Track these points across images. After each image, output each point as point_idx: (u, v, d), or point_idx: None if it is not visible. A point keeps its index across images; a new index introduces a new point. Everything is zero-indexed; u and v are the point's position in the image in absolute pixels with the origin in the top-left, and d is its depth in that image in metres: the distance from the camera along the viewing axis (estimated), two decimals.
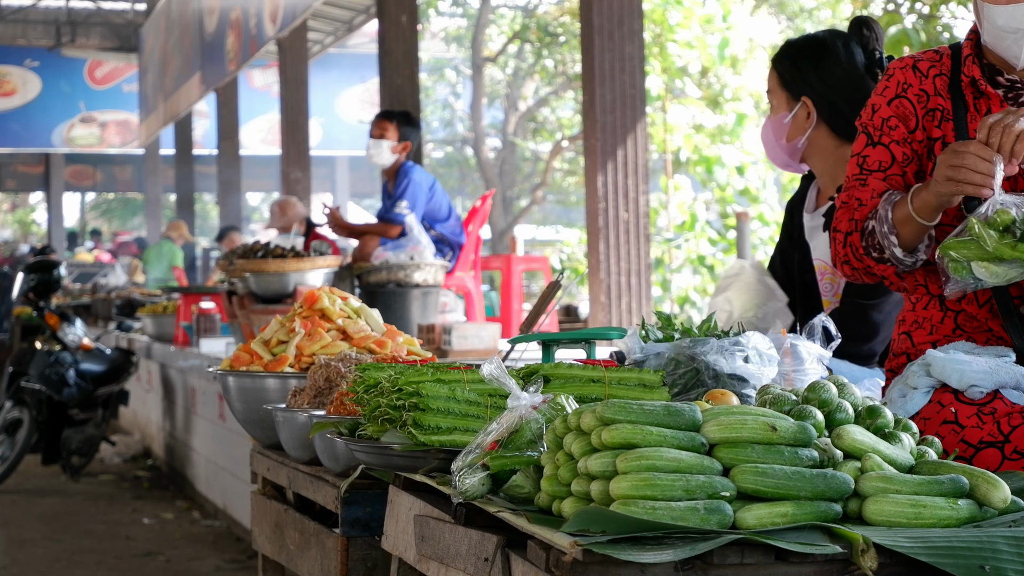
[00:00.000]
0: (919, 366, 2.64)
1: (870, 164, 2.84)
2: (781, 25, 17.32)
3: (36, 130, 24.49)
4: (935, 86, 2.84)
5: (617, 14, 7.47)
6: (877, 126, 2.86)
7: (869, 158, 2.85)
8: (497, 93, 24.01)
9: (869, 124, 2.88)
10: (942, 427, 2.53)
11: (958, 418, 2.54)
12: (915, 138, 2.84)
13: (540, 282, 13.51)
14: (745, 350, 2.64)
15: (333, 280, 6.48)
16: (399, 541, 2.50)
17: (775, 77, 3.54)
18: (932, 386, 2.61)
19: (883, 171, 2.83)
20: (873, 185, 2.82)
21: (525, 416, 2.22)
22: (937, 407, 2.57)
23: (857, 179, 2.86)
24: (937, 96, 2.84)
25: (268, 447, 3.50)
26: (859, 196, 2.84)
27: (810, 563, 1.87)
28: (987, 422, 2.53)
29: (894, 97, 2.86)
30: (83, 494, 9.08)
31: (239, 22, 15.08)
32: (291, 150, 14.41)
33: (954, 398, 2.57)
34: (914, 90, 2.85)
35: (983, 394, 2.57)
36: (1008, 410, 2.54)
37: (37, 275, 10.05)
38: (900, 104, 2.85)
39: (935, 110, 2.83)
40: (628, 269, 7.50)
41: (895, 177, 2.82)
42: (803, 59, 3.50)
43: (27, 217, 37.83)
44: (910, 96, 2.85)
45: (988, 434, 2.51)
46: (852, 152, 2.90)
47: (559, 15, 22.17)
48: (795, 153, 3.55)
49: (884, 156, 2.83)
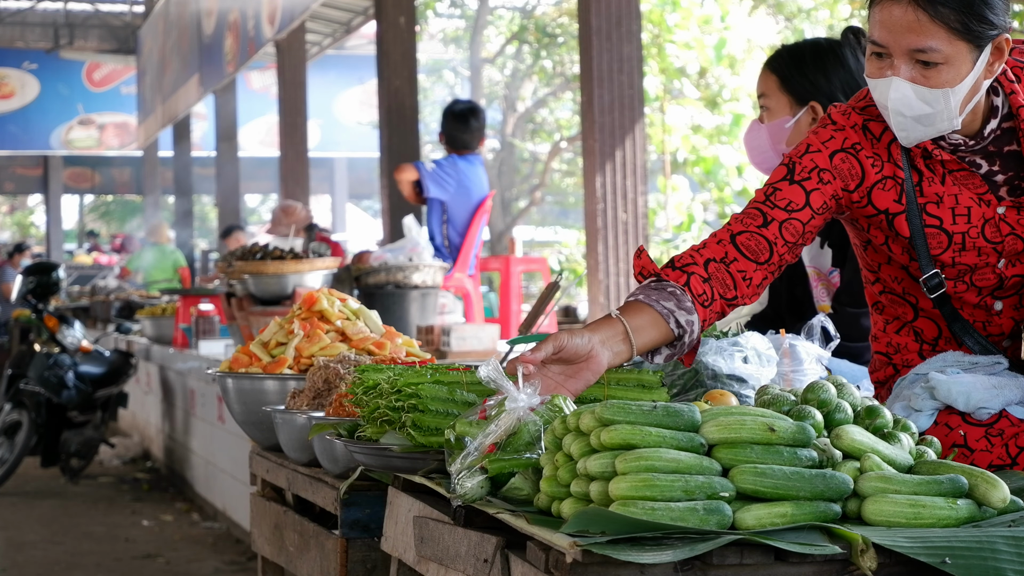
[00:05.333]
0: (922, 388, 2.61)
1: (778, 199, 2.57)
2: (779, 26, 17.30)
3: (34, 132, 24.47)
4: (890, 153, 2.62)
5: (615, 15, 7.47)
6: (806, 168, 2.59)
7: (780, 192, 2.58)
8: (495, 94, 23.99)
9: (797, 162, 2.60)
10: (950, 451, 2.53)
11: (967, 441, 2.53)
12: (850, 198, 2.61)
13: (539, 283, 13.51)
14: (744, 351, 2.65)
15: (332, 282, 6.48)
16: (398, 542, 2.50)
17: (774, 81, 3.46)
18: (936, 408, 2.59)
19: (788, 212, 2.56)
20: (770, 228, 2.54)
21: (523, 418, 2.21)
22: (945, 430, 2.55)
23: (757, 207, 2.58)
24: (892, 164, 2.61)
25: (267, 449, 3.50)
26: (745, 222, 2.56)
27: (809, 563, 1.87)
28: (995, 444, 2.52)
29: (839, 150, 2.61)
30: (82, 496, 9.08)
31: (237, 24, 15.08)
32: (289, 152, 14.41)
33: (961, 420, 2.56)
34: (867, 152, 2.61)
35: (990, 415, 2.56)
36: (1015, 430, 2.53)
37: (36, 277, 10.05)
38: (846, 159, 2.61)
39: (891, 178, 2.61)
40: (627, 270, 7.49)
41: (795, 223, 2.55)
42: (811, 63, 3.43)
43: (26, 219, 37.84)
44: (861, 157, 2.61)
45: (997, 457, 2.52)
46: (767, 180, 2.65)
47: (557, 16, 22.17)
48: None
49: (796, 199, 2.57)
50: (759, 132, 3.50)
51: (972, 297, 2.69)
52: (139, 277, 16.40)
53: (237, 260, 6.60)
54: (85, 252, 25.84)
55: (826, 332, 2.80)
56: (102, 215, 36.27)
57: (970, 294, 2.69)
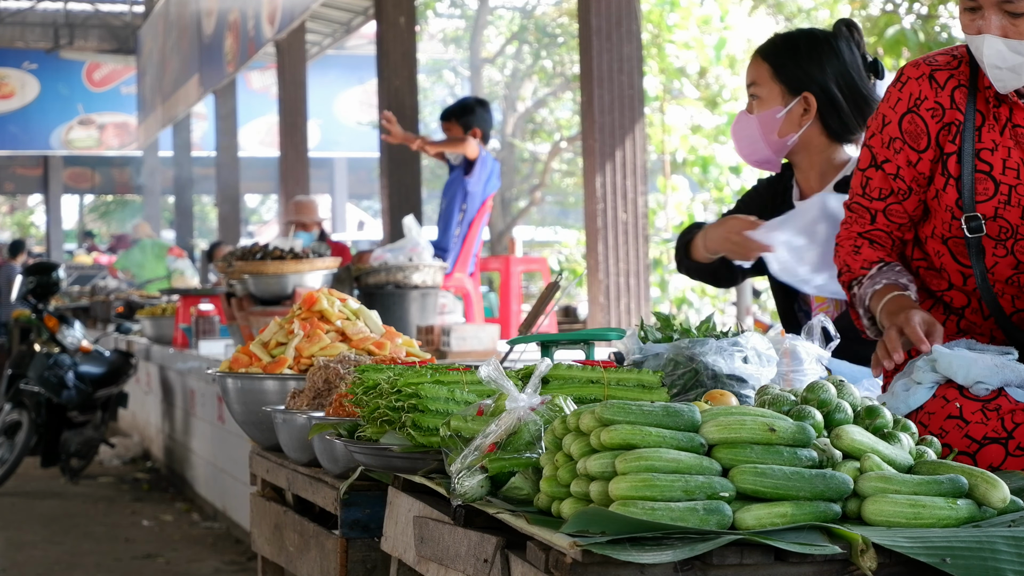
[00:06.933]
0: (924, 362, 2.63)
1: (871, 190, 2.87)
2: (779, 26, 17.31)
3: (34, 132, 24.47)
4: (952, 99, 2.75)
5: (615, 15, 7.47)
6: (885, 143, 2.82)
7: (872, 181, 2.87)
8: (495, 94, 23.97)
9: (877, 138, 2.84)
10: (946, 422, 2.53)
11: (962, 413, 2.54)
12: (924, 158, 2.79)
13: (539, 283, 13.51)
14: (744, 351, 2.65)
15: (332, 282, 6.48)
16: (398, 542, 2.50)
17: (766, 69, 3.41)
18: (936, 381, 2.60)
19: (883, 199, 2.87)
20: (878, 221, 2.88)
21: (523, 418, 2.21)
22: (942, 402, 2.57)
23: (859, 200, 2.90)
24: (954, 110, 2.75)
25: (267, 449, 3.50)
26: (860, 222, 2.90)
27: (809, 563, 1.87)
28: (991, 418, 2.53)
29: (906, 112, 2.79)
30: (82, 496, 9.08)
31: (237, 24, 15.08)
32: (289, 152, 14.41)
33: (959, 394, 2.57)
34: (928, 104, 2.77)
35: (988, 391, 2.56)
36: (1012, 407, 2.54)
37: (36, 277, 10.05)
38: (912, 120, 2.78)
39: (951, 124, 2.76)
40: (627, 270, 7.50)
41: (894, 207, 2.86)
42: (806, 53, 3.39)
43: (26, 220, 37.84)
44: (923, 112, 2.77)
45: (992, 430, 2.52)
46: (858, 166, 2.91)
47: (557, 16, 22.17)
48: (782, 150, 3.43)
49: (884, 185, 2.85)
50: (748, 122, 3.45)
51: (1007, 270, 2.77)
52: (129, 276, 16.37)
53: (237, 260, 6.60)
54: (85, 252, 25.84)
55: (826, 332, 2.80)
56: (102, 215, 36.28)
57: (1005, 265, 2.76)
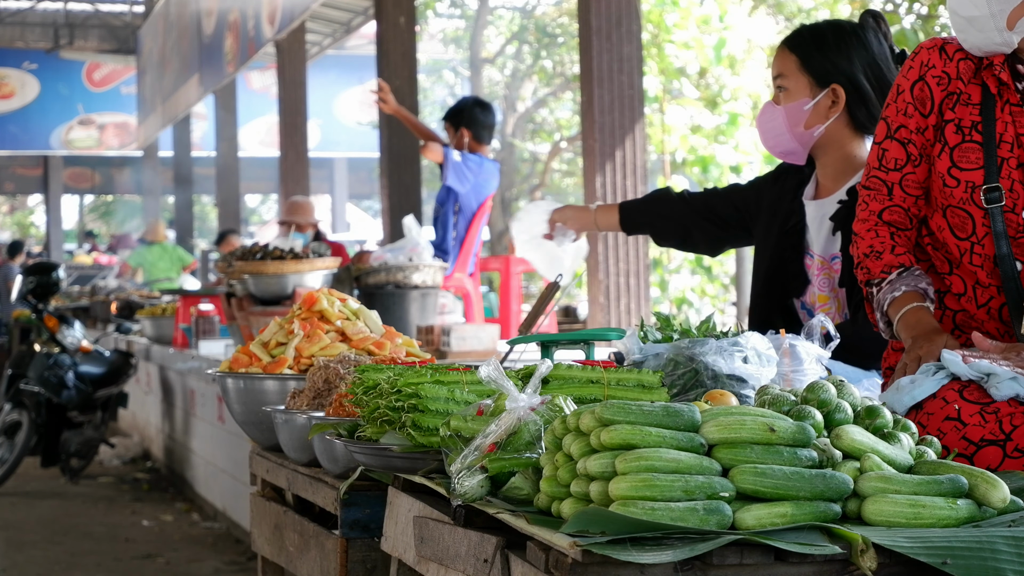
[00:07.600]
0: (933, 365, 2.64)
1: (887, 160, 2.93)
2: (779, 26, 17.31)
3: (34, 132, 24.47)
4: (958, 69, 2.86)
5: (615, 15, 7.47)
6: (900, 110, 2.91)
7: (888, 152, 2.93)
8: (495, 94, 23.97)
9: (892, 107, 2.93)
10: (944, 423, 2.53)
11: (960, 415, 2.54)
12: (928, 123, 2.88)
13: (539, 283, 13.50)
14: (744, 351, 2.65)
15: (332, 282, 6.48)
16: (398, 542, 2.50)
17: (794, 61, 3.40)
18: (940, 381, 2.59)
19: (899, 170, 2.92)
20: (895, 195, 2.93)
21: (523, 418, 2.21)
22: (941, 403, 2.57)
23: (876, 174, 2.95)
24: (958, 80, 2.86)
25: (267, 449, 3.50)
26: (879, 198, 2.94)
27: (809, 563, 1.87)
28: (989, 420, 2.52)
29: (917, 80, 2.90)
30: (82, 496, 9.08)
31: (237, 24, 15.08)
32: (289, 152, 14.40)
33: (958, 396, 2.56)
34: (936, 72, 2.88)
35: (1006, 399, 2.56)
36: (1011, 410, 2.53)
37: (36, 277, 10.04)
38: (921, 88, 2.89)
39: (954, 93, 2.87)
40: (627, 270, 7.49)
41: (910, 176, 2.91)
42: (833, 44, 3.38)
43: (26, 220, 37.84)
44: (929, 79, 2.88)
45: (990, 432, 2.51)
46: (874, 140, 2.95)
47: (557, 16, 22.17)
48: (808, 143, 3.43)
49: (900, 154, 2.92)
50: (774, 114, 3.45)
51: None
52: (139, 275, 16.39)
53: (237, 260, 6.60)
54: (85, 252, 25.84)
55: (826, 332, 2.80)
56: (102, 215, 36.28)
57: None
